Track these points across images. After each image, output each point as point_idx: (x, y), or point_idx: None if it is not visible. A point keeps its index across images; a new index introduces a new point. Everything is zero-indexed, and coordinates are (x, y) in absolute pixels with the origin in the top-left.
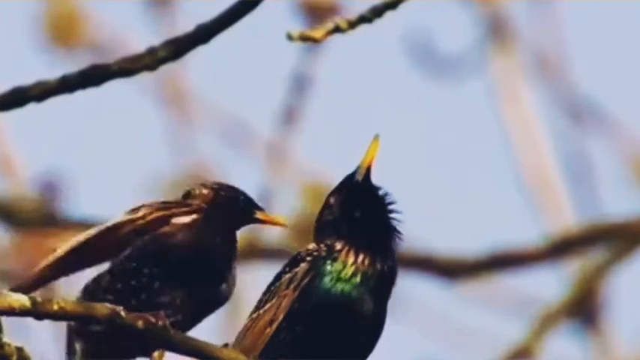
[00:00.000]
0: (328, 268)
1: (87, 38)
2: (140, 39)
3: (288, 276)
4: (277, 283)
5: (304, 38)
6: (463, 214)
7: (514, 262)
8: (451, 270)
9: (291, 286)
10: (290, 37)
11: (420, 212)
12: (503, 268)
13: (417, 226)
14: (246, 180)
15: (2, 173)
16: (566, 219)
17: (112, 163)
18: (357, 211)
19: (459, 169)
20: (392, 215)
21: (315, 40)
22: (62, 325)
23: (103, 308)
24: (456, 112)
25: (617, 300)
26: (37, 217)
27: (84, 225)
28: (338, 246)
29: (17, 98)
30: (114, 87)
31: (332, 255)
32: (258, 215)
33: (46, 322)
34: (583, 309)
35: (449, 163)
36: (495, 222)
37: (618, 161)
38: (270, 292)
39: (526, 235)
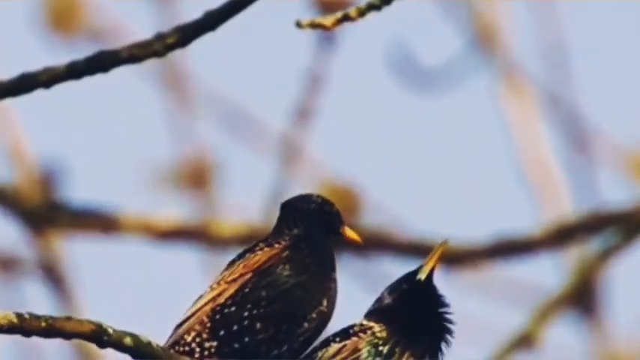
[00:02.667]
0: (382, 350)
1: (87, 25)
2: (140, 25)
3: (336, 346)
4: (325, 349)
5: (314, 26)
6: (461, 203)
7: (515, 251)
8: (452, 258)
9: (338, 358)
10: (299, 25)
11: (421, 202)
12: (503, 256)
13: (418, 215)
14: (251, 170)
15: (10, 161)
16: (565, 208)
17: (112, 149)
18: (413, 308)
19: (458, 158)
20: (447, 321)
21: (324, 28)
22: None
23: (90, 325)
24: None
25: (615, 288)
26: (40, 206)
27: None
28: (391, 337)
29: (26, 84)
30: (115, 72)
31: (387, 344)
32: (343, 231)
33: None
34: (582, 298)
35: (449, 153)
36: (494, 210)
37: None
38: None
39: (524, 223)
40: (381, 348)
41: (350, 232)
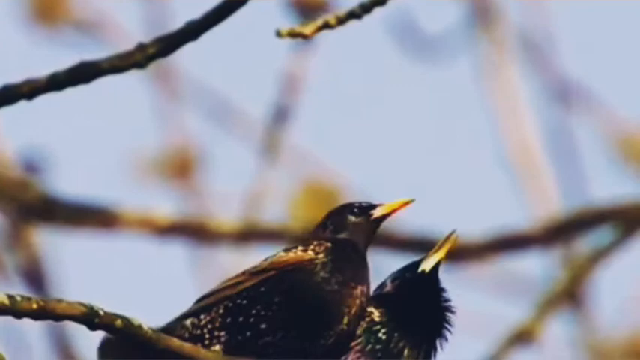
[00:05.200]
0: (381, 336)
1: (72, 16)
2: (125, 16)
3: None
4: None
5: (293, 35)
6: (449, 197)
7: (511, 245)
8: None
9: None
10: (279, 35)
11: (406, 194)
12: (500, 250)
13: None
14: (236, 161)
15: None
16: (552, 202)
17: (97, 140)
18: (415, 298)
19: (444, 153)
20: (446, 312)
21: (304, 37)
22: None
23: (81, 307)
24: (442, 95)
25: (603, 281)
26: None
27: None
28: (390, 323)
29: (7, 96)
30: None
31: (385, 330)
32: (378, 213)
33: None
34: (573, 291)
35: (434, 146)
36: (481, 203)
37: (604, 142)
38: None
39: (511, 215)
40: (379, 334)
41: (387, 208)
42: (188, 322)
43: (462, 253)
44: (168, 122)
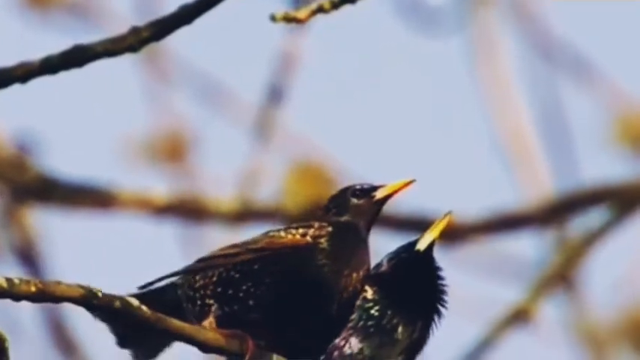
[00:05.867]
0: (373, 313)
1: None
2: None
3: None
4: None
5: (288, 19)
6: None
7: (507, 226)
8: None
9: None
10: (273, 19)
11: (399, 176)
12: (495, 231)
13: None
14: (228, 143)
15: None
16: (545, 183)
17: (88, 122)
18: (409, 277)
19: (438, 135)
20: (441, 292)
21: (298, 21)
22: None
23: (80, 289)
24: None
25: (596, 263)
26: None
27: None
28: (383, 301)
29: (1, 79)
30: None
31: (378, 307)
32: (380, 195)
33: None
34: (566, 273)
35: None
36: (474, 186)
37: (602, 118)
38: None
39: (504, 199)
40: (372, 311)
41: (389, 189)
42: (184, 280)
43: (455, 234)
44: (160, 105)
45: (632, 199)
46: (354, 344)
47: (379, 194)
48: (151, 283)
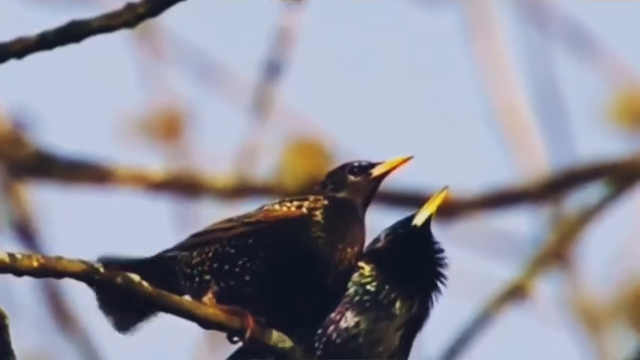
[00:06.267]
0: (370, 289)
1: None
2: None
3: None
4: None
5: None
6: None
7: (503, 202)
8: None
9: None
10: None
11: (395, 152)
12: (491, 207)
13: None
14: (224, 120)
15: None
16: (540, 159)
17: (83, 99)
18: (406, 252)
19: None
20: (439, 267)
21: None
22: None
23: (81, 264)
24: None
25: (591, 240)
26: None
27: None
28: (380, 277)
29: None
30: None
31: (375, 283)
32: (377, 171)
33: None
34: (561, 250)
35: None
36: (470, 163)
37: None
38: None
39: (500, 175)
40: (368, 286)
41: (386, 166)
42: (182, 256)
43: (451, 211)
44: (156, 81)
45: (628, 175)
46: (349, 318)
47: (376, 171)
48: (149, 260)
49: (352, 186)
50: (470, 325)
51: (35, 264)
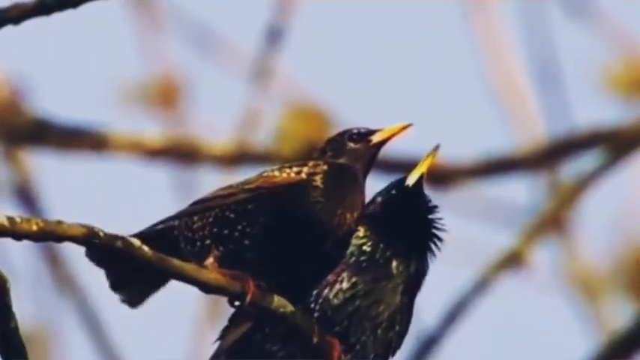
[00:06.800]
0: (365, 249)
1: None
2: None
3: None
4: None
5: None
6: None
7: (500, 169)
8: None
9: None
10: None
11: (393, 120)
12: (488, 175)
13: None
14: (222, 90)
15: None
16: (537, 127)
17: (81, 68)
18: (400, 213)
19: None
20: (435, 226)
21: None
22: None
23: (82, 228)
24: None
25: (588, 208)
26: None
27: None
28: (375, 237)
29: None
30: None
31: (370, 243)
32: (377, 138)
33: None
34: (558, 218)
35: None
36: (467, 132)
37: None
38: None
39: (497, 144)
40: (364, 247)
41: (385, 133)
42: (182, 222)
43: (448, 179)
44: (153, 50)
45: (624, 143)
46: (346, 279)
47: (376, 138)
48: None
49: (352, 153)
50: (467, 293)
51: (35, 228)
